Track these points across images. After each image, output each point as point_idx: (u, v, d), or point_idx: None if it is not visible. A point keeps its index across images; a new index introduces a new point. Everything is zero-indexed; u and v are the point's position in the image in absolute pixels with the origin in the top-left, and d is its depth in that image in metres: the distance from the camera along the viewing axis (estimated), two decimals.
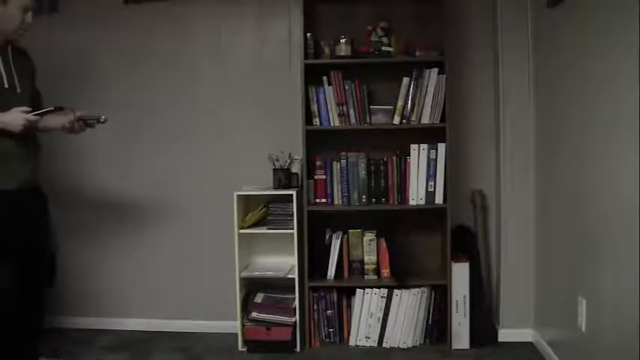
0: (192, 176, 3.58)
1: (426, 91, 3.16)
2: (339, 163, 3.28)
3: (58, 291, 3.66)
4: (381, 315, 3.23)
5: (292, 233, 3.20)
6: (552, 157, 2.92)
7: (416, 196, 3.20)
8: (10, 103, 2.44)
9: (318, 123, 3.25)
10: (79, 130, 2.70)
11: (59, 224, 3.63)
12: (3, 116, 2.40)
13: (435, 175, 3.17)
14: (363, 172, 3.26)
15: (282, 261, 3.38)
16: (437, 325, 3.24)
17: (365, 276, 3.30)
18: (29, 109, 2.45)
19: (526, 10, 3.19)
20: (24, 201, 2.56)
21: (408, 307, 3.22)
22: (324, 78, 3.22)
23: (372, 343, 3.25)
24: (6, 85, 2.48)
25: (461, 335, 3.18)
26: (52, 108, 2.53)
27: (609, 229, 2.23)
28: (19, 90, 2.54)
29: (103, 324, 3.63)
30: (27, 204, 2.58)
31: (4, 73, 2.49)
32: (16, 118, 2.40)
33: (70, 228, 3.67)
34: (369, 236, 3.29)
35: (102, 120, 2.70)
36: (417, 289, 3.22)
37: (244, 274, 3.29)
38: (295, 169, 3.33)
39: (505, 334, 3.28)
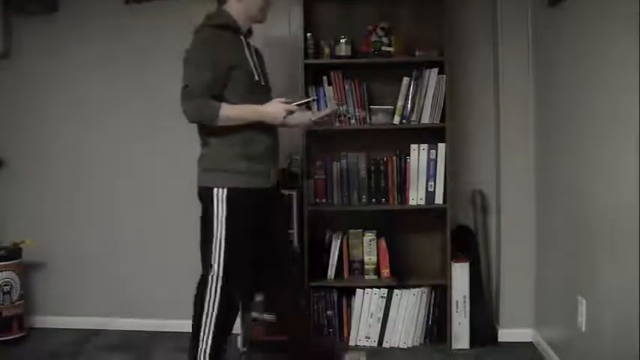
0: (193, 176, 3.57)
1: (426, 91, 3.16)
2: (339, 163, 3.28)
3: (58, 291, 3.68)
4: (381, 315, 3.23)
5: (292, 233, 3.19)
6: (552, 157, 2.92)
7: (416, 196, 3.20)
8: (262, 98, 2.44)
9: None
10: (325, 124, 2.73)
11: (61, 225, 3.67)
12: (264, 108, 2.39)
13: (435, 175, 3.17)
14: (363, 172, 3.26)
15: None
16: (437, 325, 3.24)
17: (365, 276, 3.30)
18: (288, 99, 2.43)
19: (526, 10, 3.19)
20: (275, 199, 2.61)
21: (408, 307, 3.22)
22: (324, 78, 3.22)
23: (372, 343, 3.25)
24: (256, 78, 2.47)
25: (461, 335, 3.18)
26: (311, 98, 2.53)
27: (609, 229, 2.23)
28: (263, 82, 2.52)
29: (102, 324, 3.63)
30: (277, 202, 2.63)
31: (253, 68, 2.47)
32: (277, 109, 2.39)
33: (69, 227, 3.68)
34: (369, 236, 3.29)
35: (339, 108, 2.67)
36: (417, 289, 3.23)
37: None
38: (295, 169, 3.33)
39: (505, 334, 3.28)
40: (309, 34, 3.20)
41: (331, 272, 3.27)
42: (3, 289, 3.39)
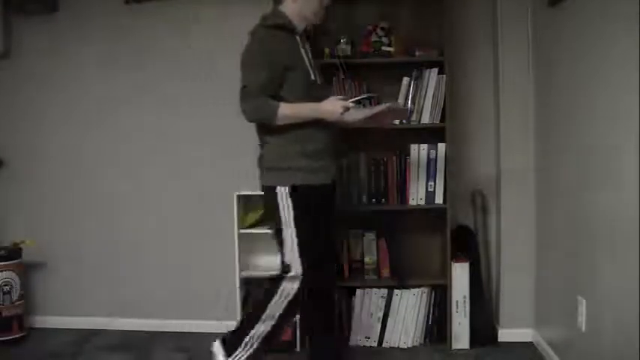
0: (192, 176, 3.58)
1: (426, 91, 3.16)
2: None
3: (58, 291, 3.68)
4: (381, 315, 3.23)
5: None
6: (552, 157, 2.92)
7: (416, 196, 3.20)
8: (318, 97, 2.45)
9: None
10: (387, 121, 2.73)
11: (61, 225, 3.67)
12: (322, 106, 2.41)
13: (435, 175, 3.17)
14: (363, 172, 3.26)
15: None
16: (437, 325, 3.24)
17: (365, 276, 3.30)
18: (344, 96, 2.46)
19: (526, 10, 3.19)
20: (332, 194, 2.63)
21: (408, 307, 3.22)
22: None
23: (372, 343, 3.25)
24: (312, 77, 2.49)
25: (461, 335, 3.18)
26: (367, 95, 2.53)
27: (609, 229, 2.23)
28: (319, 82, 2.53)
29: (102, 324, 3.63)
30: (333, 198, 2.65)
31: (309, 67, 2.50)
32: (335, 106, 2.40)
33: (69, 227, 3.68)
34: (369, 236, 3.29)
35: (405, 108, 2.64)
36: (417, 289, 3.23)
37: (244, 274, 3.29)
38: None
39: (505, 334, 3.28)
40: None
41: None
42: (3, 289, 3.39)
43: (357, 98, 2.48)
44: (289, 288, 2.47)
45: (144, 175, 3.61)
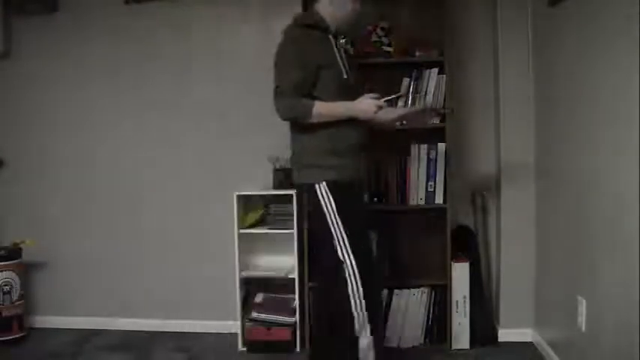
0: (193, 176, 3.58)
1: (426, 92, 3.16)
2: None
3: (58, 291, 3.68)
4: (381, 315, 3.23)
5: (292, 233, 3.20)
6: (552, 157, 2.92)
7: (416, 196, 3.20)
8: (351, 96, 2.47)
9: None
10: (420, 120, 2.74)
11: (61, 225, 3.67)
12: (356, 104, 2.44)
13: (435, 175, 3.17)
14: (363, 172, 3.25)
15: (282, 261, 3.38)
16: (437, 325, 3.24)
17: None
18: (377, 95, 2.47)
19: (526, 10, 3.19)
20: (362, 191, 2.69)
21: (408, 307, 3.22)
22: None
23: None
24: (345, 76, 2.51)
25: (461, 335, 3.18)
26: (399, 94, 2.55)
27: (609, 229, 2.23)
28: (352, 81, 2.55)
29: (102, 324, 3.63)
30: (362, 194, 2.70)
31: (342, 66, 2.51)
32: (369, 105, 2.42)
33: (69, 227, 3.68)
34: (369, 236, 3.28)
35: (451, 110, 2.67)
36: (417, 289, 3.22)
37: (244, 274, 3.29)
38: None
39: (505, 334, 3.28)
40: None
41: None
42: (3, 289, 3.39)
43: (389, 97, 2.49)
44: (354, 281, 2.45)
45: (144, 174, 3.61)
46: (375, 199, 3.26)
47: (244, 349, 3.26)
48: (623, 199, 2.08)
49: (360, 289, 2.45)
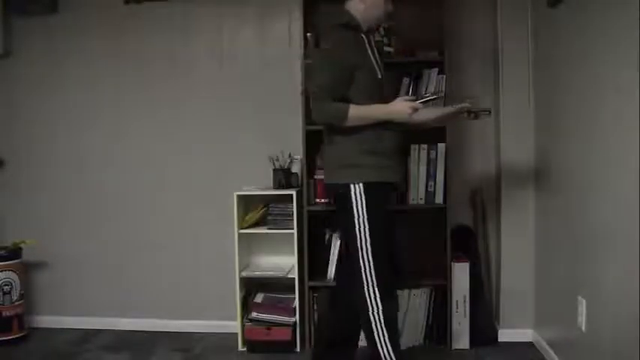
0: (193, 176, 3.58)
1: (426, 92, 3.15)
2: None
3: (58, 291, 3.68)
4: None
5: (292, 233, 3.20)
6: (552, 157, 2.92)
7: (416, 196, 3.20)
8: (383, 95, 2.46)
9: None
10: (457, 121, 2.72)
11: (61, 225, 3.67)
12: (391, 107, 2.42)
13: (435, 175, 3.17)
14: None
15: (282, 261, 3.38)
16: (437, 325, 3.24)
17: None
18: (412, 97, 2.46)
19: (526, 10, 3.18)
20: (394, 191, 2.68)
21: (408, 307, 3.22)
22: None
23: None
24: (379, 76, 2.49)
25: (461, 335, 3.18)
26: (436, 96, 2.50)
27: (609, 229, 2.23)
28: (384, 81, 2.53)
29: (102, 324, 3.63)
30: (394, 196, 2.69)
31: (376, 66, 2.49)
32: (404, 107, 2.40)
33: (69, 227, 3.68)
34: None
35: (488, 112, 2.62)
36: (417, 289, 3.22)
37: (244, 274, 3.29)
38: (295, 169, 3.33)
39: (505, 334, 3.28)
40: (309, 34, 3.19)
41: (331, 272, 3.26)
42: (3, 289, 3.39)
43: (425, 99, 2.46)
44: (371, 283, 2.44)
45: (144, 175, 3.61)
46: None
47: (244, 349, 3.26)
48: (623, 199, 2.08)
49: (379, 298, 2.43)
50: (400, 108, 2.41)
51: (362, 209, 2.43)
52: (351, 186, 2.43)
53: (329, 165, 2.58)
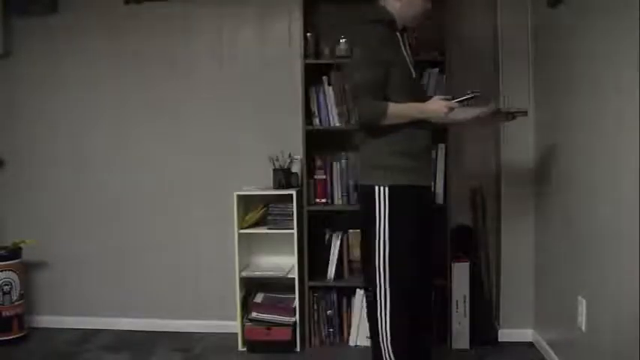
0: (193, 176, 3.58)
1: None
2: (339, 163, 3.28)
3: (58, 291, 3.68)
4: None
5: (292, 233, 3.20)
6: (552, 156, 2.92)
7: None
8: (418, 94, 2.42)
9: (318, 123, 3.25)
10: (493, 123, 2.58)
11: (61, 225, 3.67)
12: (427, 105, 2.37)
13: (435, 175, 3.16)
14: None
15: (282, 261, 3.38)
16: (437, 325, 3.24)
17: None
18: (449, 96, 2.40)
19: (526, 11, 3.19)
20: (429, 196, 2.58)
21: None
22: (324, 78, 3.22)
23: None
24: (413, 75, 2.45)
25: (461, 335, 3.18)
26: (472, 95, 2.42)
27: (609, 229, 2.23)
28: (418, 80, 2.49)
29: (102, 324, 3.63)
30: (431, 200, 2.60)
31: (409, 64, 2.45)
32: (440, 106, 2.35)
33: (69, 227, 3.68)
34: None
35: (525, 113, 2.55)
36: None
37: (244, 274, 3.29)
38: (295, 169, 3.33)
39: (505, 334, 3.28)
40: (309, 34, 3.19)
41: (331, 272, 3.27)
42: (3, 289, 3.39)
43: (461, 98, 2.42)
44: (383, 289, 2.38)
45: (144, 174, 3.61)
46: None
47: (244, 349, 3.26)
48: (624, 199, 2.08)
49: (388, 321, 2.37)
50: (436, 107, 2.36)
51: (384, 215, 2.35)
52: (376, 188, 2.37)
53: (360, 165, 2.53)
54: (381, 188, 2.36)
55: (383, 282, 2.37)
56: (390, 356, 2.40)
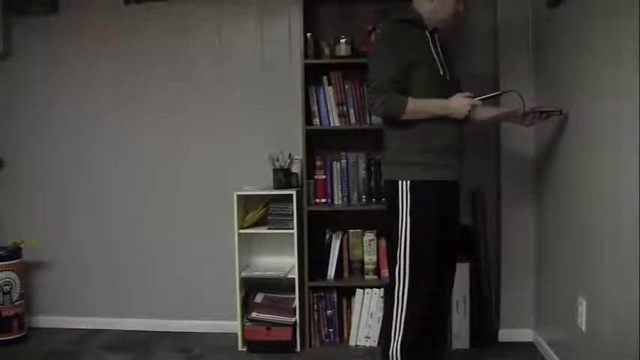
0: (193, 176, 3.58)
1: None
2: (339, 163, 3.28)
3: (58, 291, 3.68)
4: (381, 315, 3.22)
5: (292, 233, 3.20)
6: (552, 157, 2.92)
7: None
8: (447, 93, 2.42)
9: (318, 123, 3.25)
10: (528, 123, 2.61)
11: (61, 225, 3.67)
12: (449, 102, 2.38)
13: None
14: (363, 172, 3.27)
15: (282, 261, 3.38)
16: None
17: (365, 276, 3.29)
18: (471, 94, 2.41)
19: (526, 11, 3.19)
20: (456, 194, 2.57)
21: None
22: (324, 78, 3.22)
23: (372, 343, 3.25)
24: (441, 73, 2.45)
25: (461, 335, 3.18)
26: (498, 92, 2.44)
27: (609, 229, 2.23)
28: (449, 77, 2.49)
29: (102, 324, 3.63)
30: (457, 198, 2.58)
31: (438, 63, 2.45)
32: (463, 103, 2.37)
33: (69, 227, 3.68)
34: (369, 236, 3.29)
35: (564, 112, 2.56)
36: None
37: (244, 274, 3.29)
38: (295, 169, 3.33)
39: (505, 334, 3.28)
40: (309, 34, 3.19)
41: (331, 272, 3.27)
42: (3, 289, 3.39)
43: (486, 96, 2.42)
44: (402, 284, 2.38)
45: (144, 174, 3.61)
46: (374, 199, 3.26)
47: (244, 349, 3.26)
48: (623, 199, 2.08)
49: (403, 324, 2.37)
50: (458, 104, 2.37)
51: (406, 207, 2.36)
52: (400, 183, 2.39)
53: (384, 161, 2.56)
54: (404, 183, 2.38)
55: (402, 278, 2.38)
56: (396, 356, 2.41)
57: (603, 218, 2.28)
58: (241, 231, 3.24)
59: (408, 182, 2.38)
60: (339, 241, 3.28)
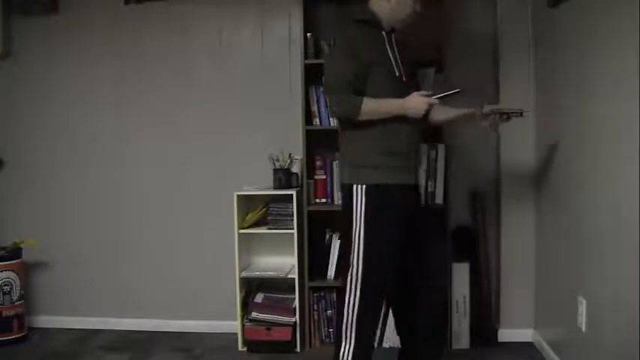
0: (193, 176, 3.58)
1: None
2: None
3: (58, 291, 3.68)
4: (380, 315, 3.22)
5: (292, 233, 3.20)
6: (552, 157, 2.92)
7: None
8: (403, 93, 2.37)
9: (318, 123, 3.25)
10: (489, 125, 2.50)
11: (61, 225, 3.67)
12: (405, 101, 2.34)
13: (435, 175, 3.16)
14: None
15: (282, 261, 3.38)
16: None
17: None
18: (429, 92, 2.37)
19: (526, 11, 3.19)
20: (416, 197, 2.52)
21: None
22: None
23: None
24: (397, 74, 2.42)
25: (461, 335, 3.18)
26: (455, 90, 2.36)
27: (609, 229, 2.23)
28: (405, 78, 2.45)
29: (102, 324, 3.63)
30: (417, 200, 2.55)
31: (394, 64, 2.42)
32: (419, 102, 2.32)
33: (69, 227, 3.68)
34: None
35: (524, 114, 2.49)
36: None
37: (244, 274, 3.29)
38: (295, 169, 3.33)
39: (505, 334, 3.28)
40: (309, 34, 3.19)
41: (331, 272, 3.27)
42: (3, 289, 3.39)
43: (443, 94, 2.37)
44: (353, 289, 2.35)
45: (144, 175, 3.61)
46: None
47: (244, 349, 3.26)
48: (623, 199, 2.08)
49: (354, 330, 2.35)
50: (415, 103, 2.33)
51: (361, 214, 2.32)
52: (354, 187, 2.35)
53: (341, 163, 2.52)
54: (359, 187, 2.34)
55: (355, 284, 2.34)
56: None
57: (603, 218, 2.28)
58: (241, 231, 3.24)
59: (364, 187, 2.33)
60: (339, 241, 3.27)
